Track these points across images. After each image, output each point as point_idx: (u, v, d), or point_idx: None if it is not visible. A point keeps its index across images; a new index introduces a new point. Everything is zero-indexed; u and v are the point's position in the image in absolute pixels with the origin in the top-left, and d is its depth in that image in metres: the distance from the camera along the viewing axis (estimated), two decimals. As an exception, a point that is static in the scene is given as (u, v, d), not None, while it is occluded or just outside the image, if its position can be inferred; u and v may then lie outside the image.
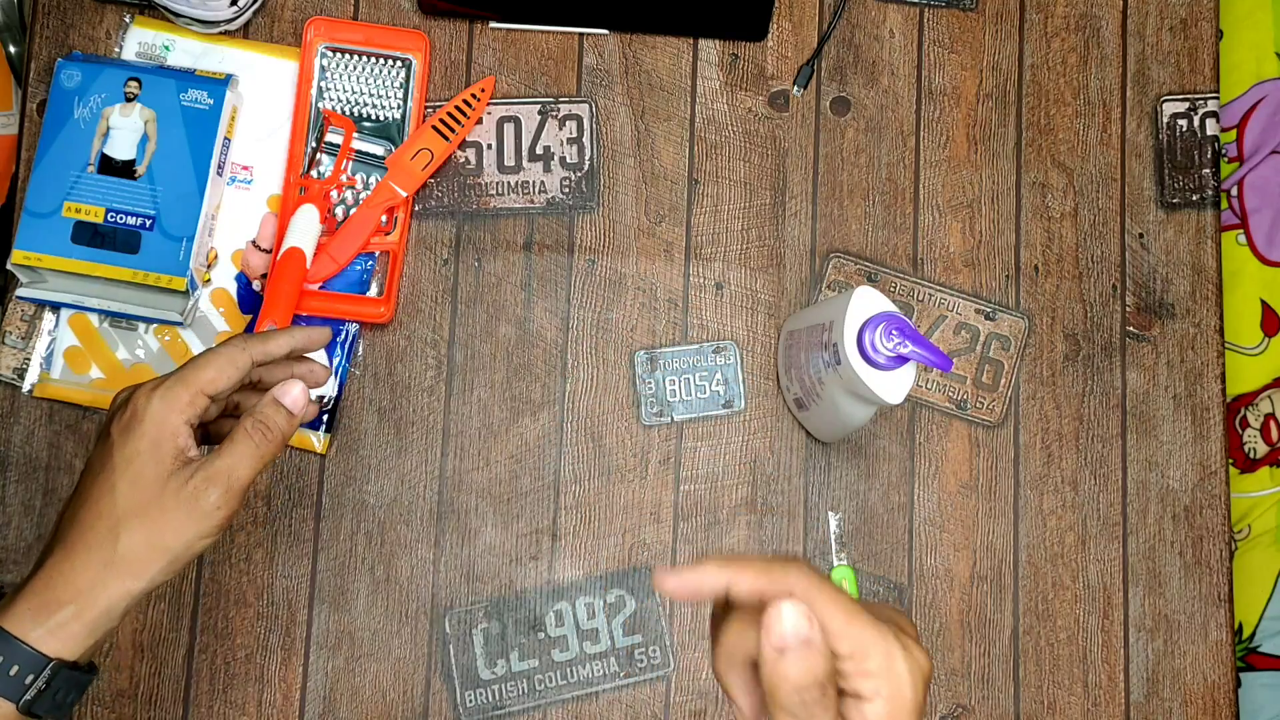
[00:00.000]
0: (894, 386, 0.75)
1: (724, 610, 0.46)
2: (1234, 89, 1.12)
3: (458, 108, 0.90)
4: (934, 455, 0.91)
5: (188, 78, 0.88)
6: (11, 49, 1.02)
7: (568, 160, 0.92)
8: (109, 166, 0.86)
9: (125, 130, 0.86)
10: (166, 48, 0.90)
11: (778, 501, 0.90)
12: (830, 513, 0.90)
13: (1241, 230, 1.11)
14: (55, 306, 0.87)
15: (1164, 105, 0.96)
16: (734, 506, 0.89)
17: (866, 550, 0.89)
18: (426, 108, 0.91)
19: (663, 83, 0.94)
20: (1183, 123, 0.96)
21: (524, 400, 0.89)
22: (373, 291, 0.89)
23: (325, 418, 0.88)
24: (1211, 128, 0.96)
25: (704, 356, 0.91)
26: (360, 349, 0.89)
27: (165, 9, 0.88)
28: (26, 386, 0.87)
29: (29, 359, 0.87)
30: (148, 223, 0.85)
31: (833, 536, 0.89)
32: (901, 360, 0.74)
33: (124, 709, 0.84)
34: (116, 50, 0.90)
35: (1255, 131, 1.12)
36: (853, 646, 0.43)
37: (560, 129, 0.93)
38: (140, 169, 0.86)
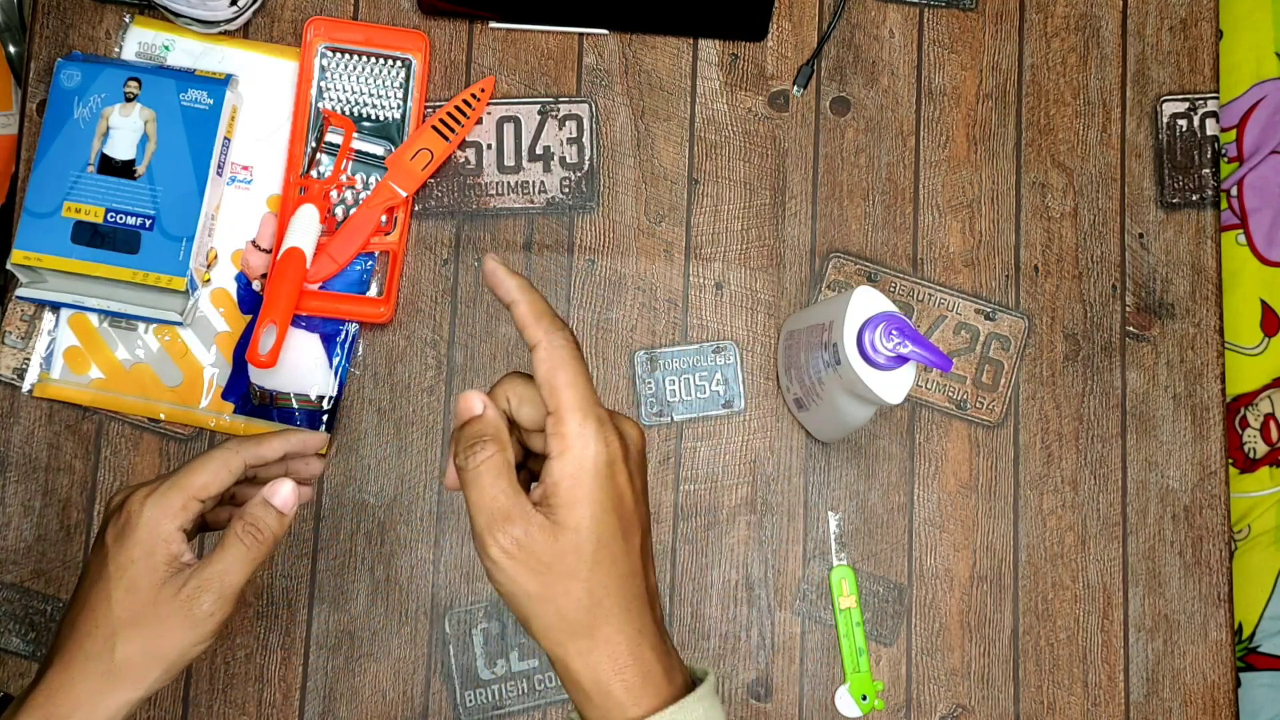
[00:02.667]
0: (894, 386, 0.75)
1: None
2: (1234, 89, 1.12)
3: (458, 108, 0.90)
4: (934, 455, 0.91)
5: (187, 78, 0.88)
6: (11, 49, 1.02)
7: (568, 160, 0.92)
8: (109, 166, 0.86)
9: (125, 130, 0.86)
10: (166, 48, 0.90)
11: (778, 501, 0.90)
12: (830, 513, 0.90)
13: (1241, 230, 1.11)
14: (55, 306, 0.87)
15: (1164, 105, 0.96)
16: (734, 506, 0.89)
17: (866, 550, 0.89)
18: (426, 108, 0.91)
19: (663, 83, 0.94)
20: (1182, 123, 0.96)
21: (524, 400, 0.89)
22: (373, 291, 0.89)
23: (325, 418, 0.88)
24: (1211, 128, 0.96)
25: (704, 356, 0.91)
26: (360, 349, 0.89)
27: (165, 9, 0.88)
28: (26, 386, 0.87)
29: (29, 359, 0.87)
30: (147, 223, 0.85)
31: (832, 536, 0.89)
32: (901, 360, 0.74)
33: (124, 709, 0.84)
34: (116, 50, 0.90)
35: (1255, 131, 1.12)
36: (555, 419, 0.52)
37: (560, 129, 0.93)
38: (140, 169, 0.86)
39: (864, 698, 0.87)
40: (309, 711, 0.85)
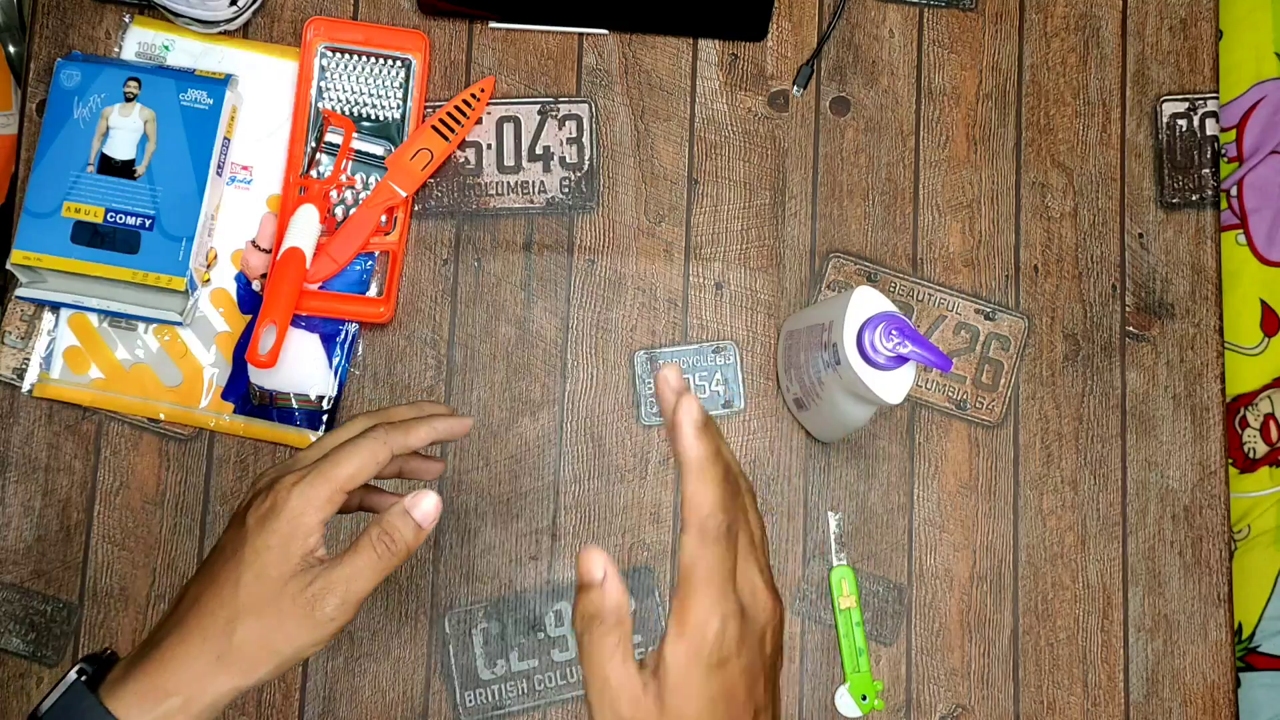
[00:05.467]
0: (894, 386, 0.75)
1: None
2: (1234, 89, 1.12)
3: (457, 108, 0.90)
4: (934, 455, 0.91)
5: (187, 78, 0.88)
6: (11, 49, 1.02)
7: (567, 160, 0.92)
8: (108, 166, 0.86)
9: (125, 130, 0.86)
10: (166, 47, 0.90)
11: (777, 501, 0.90)
12: (830, 513, 0.90)
13: (1241, 230, 1.11)
14: (55, 306, 0.87)
15: (1164, 105, 0.96)
16: (734, 506, 0.89)
17: (866, 550, 0.89)
18: (426, 108, 0.91)
19: (662, 83, 0.94)
20: (1182, 123, 0.96)
21: (524, 400, 0.89)
22: (372, 291, 0.89)
23: (325, 418, 0.88)
24: (1211, 128, 0.96)
25: (704, 356, 0.91)
26: (360, 349, 0.89)
27: (165, 9, 0.88)
28: (26, 386, 0.87)
29: (28, 359, 0.87)
30: (147, 223, 0.85)
31: (832, 536, 0.89)
32: (901, 360, 0.74)
33: (124, 709, 0.84)
34: (116, 50, 0.90)
35: (1255, 131, 1.12)
36: (682, 593, 0.50)
37: (560, 129, 0.93)
38: (140, 169, 0.86)
39: (864, 698, 0.87)
40: (309, 711, 0.85)
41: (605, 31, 0.94)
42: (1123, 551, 0.91)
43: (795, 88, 0.94)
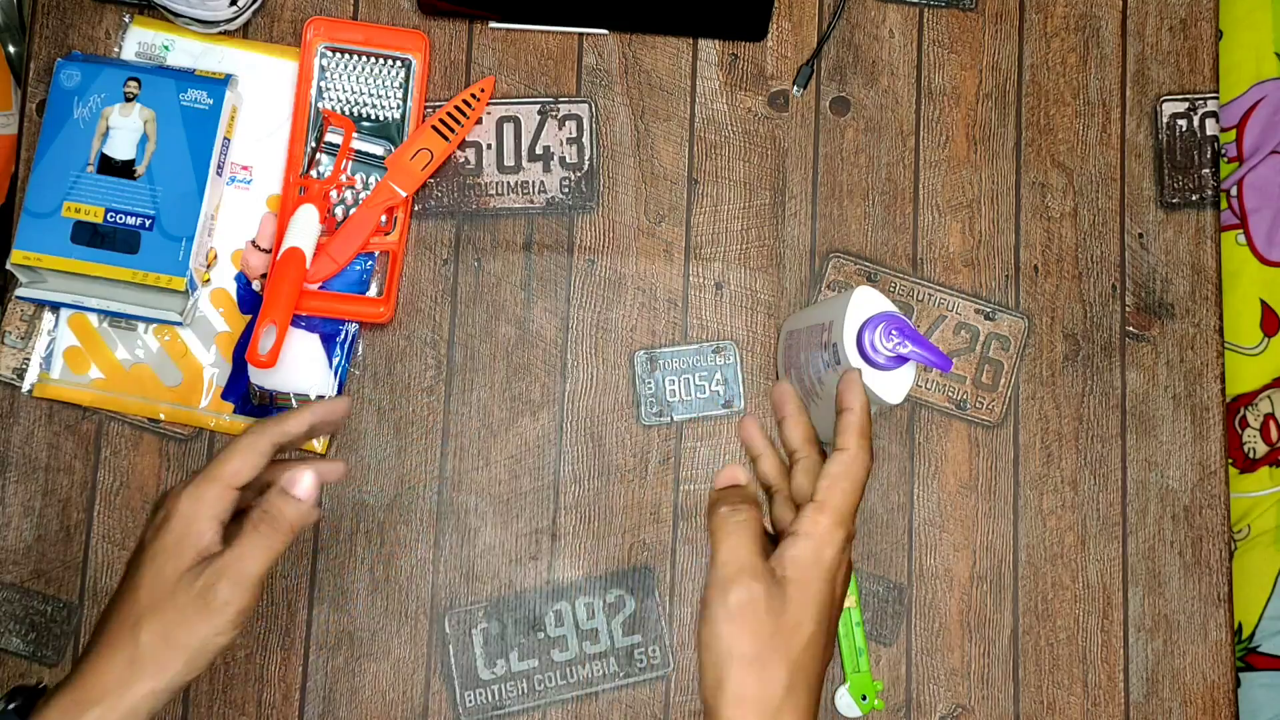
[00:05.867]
0: (894, 386, 0.75)
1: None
2: (1233, 89, 1.12)
3: (457, 108, 0.90)
4: (934, 455, 0.91)
5: (187, 78, 0.88)
6: (11, 49, 1.01)
7: (567, 160, 0.92)
8: (108, 166, 0.86)
9: (125, 130, 0.86)
10: (166, 47, 0.90)
11: (777, 501, 0.90)
12: (830, 513, 0.89)
13: (1241, 230, 1.11)
14: (55, 306, 0.87)
15: (1163, 105, 0.97)
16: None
17: (866, 550, 0.89)
18: (426, 108, 0.91)
19: (662, 83, 0.94)
20: (1182, 123, 0.96)
21: (524, 400, 0.89)
22: (372, 291, 0.89)
23: None
24: (1211, 128, 0.96)
25: (704, 356, 0.91)
26: (360, 349, 0.89)
27: (165, 9, 0.88)
28: (26, 386, 0.87)
29: (28, 358, 0.87)
30: (147, 223, 0.85)
31: (832, 536, 0.89)
32: (901, 360, 0.74)
33: (124, 709, 0.84)
34: (116, 50, 0.90)
35: (1255, 131, 1.12)
36: (817, 508, 0.57)
37: (560, 129, 0.93)
38: (140, 169, 0.86)
39: (864, 698, 0.87)
40: (309, 711, 0.85)
41: (605, 31, 0.94)
42: (1123, 551, 0.91)
43: (795, 88, 0.94)
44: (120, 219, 0.85)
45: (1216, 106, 0.97)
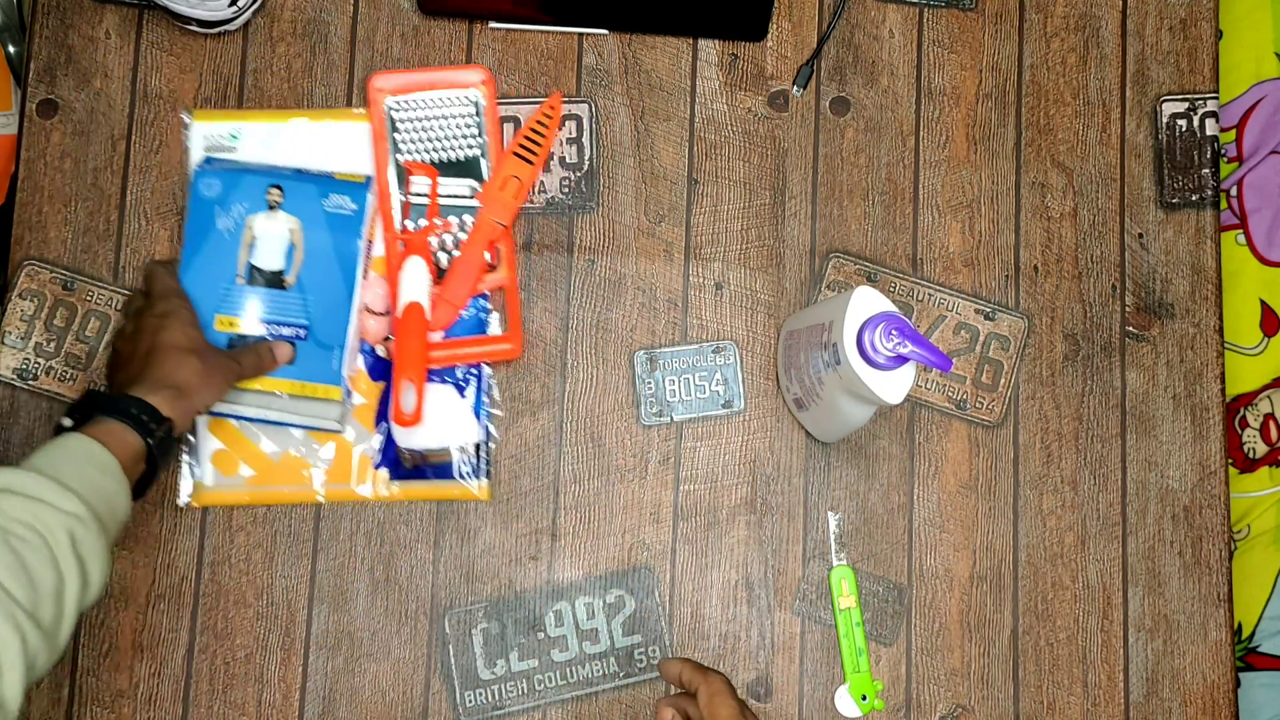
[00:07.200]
0: (894, 386, 0.75)
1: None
2: (1233, 89, 1.12)
3: (533, 129, 0.90)
4: (934, 455, 0.91)
5: (328, 182, 0.86)
6: (11, 49, 1.01)
7: (567, 160, 0.92)
8: (256, 277, 0.85)
9: (271, 239, 0.85)
10: (234, 136, 0.89)
11: (777, 501, 0.90)
12: (830, 513, 0.90)
13: (1241, 230, 1.11)
14: (213, 415, 0.86)
15: (1163, 105, 0.97)
16: (734, 506, 0.89)
17: (866, 550, 0.89)
18: (502, 120, 0.91)
19: (662, 83, 0.94)
20: (1182, 123, 0.96)
21: (524, 400, 0.89)
22: (493, 329, 0.88)
23: (483, 463, 0.88)
24: (1211, 128, 0.96)
25: (704, 356, 0.91)
26: (493, 387, 0.87)
27: (166, 9, 0.88)
28: (183, 499, 0.86)
29: (29, 358, 0.87)
30: (302, 333, 0.84)
31: (832, 536, 0.89)
32: (901, 360, 0.74)
33: (124, 709, 0.84)
34: (184, 148, 0.89)
35: (1255, 131, 1.12)
36: None
37: (560, 129, 0.93)
38: (289, 278, 0.85)
39: (864, 698, 0.87)
40: (309, 712, 0.85)
41: (605, 31, 0.94)
42: (1123, 551, 0.91)
43: (795, 88, 0.94)
44: (276, 330, 0.84)
45: (1216, 106, 0.97)
